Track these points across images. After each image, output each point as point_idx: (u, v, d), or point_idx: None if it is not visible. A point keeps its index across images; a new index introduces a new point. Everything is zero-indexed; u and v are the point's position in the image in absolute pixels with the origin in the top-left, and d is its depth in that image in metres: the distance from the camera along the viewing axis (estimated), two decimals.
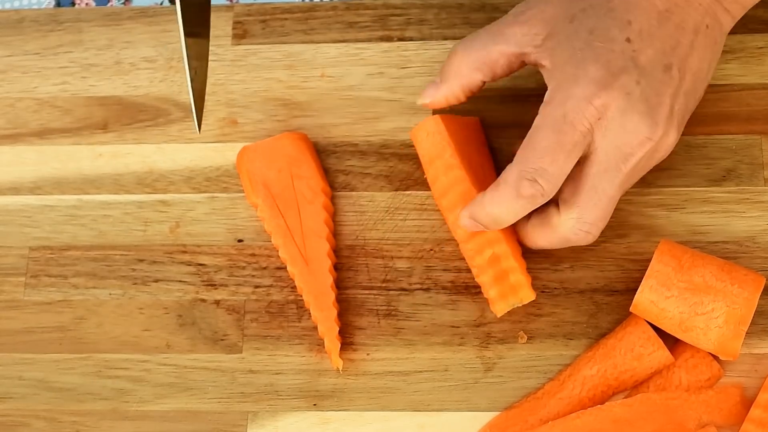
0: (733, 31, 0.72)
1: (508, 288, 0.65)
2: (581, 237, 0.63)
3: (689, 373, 0.65)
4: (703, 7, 0.64)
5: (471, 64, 0.66)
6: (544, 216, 0.64)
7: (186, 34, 0.61)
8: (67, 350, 0.69)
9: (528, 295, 0.65)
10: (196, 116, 0.63)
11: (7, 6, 0.79)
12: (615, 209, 0.68)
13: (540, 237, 0.65)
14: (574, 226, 0.63)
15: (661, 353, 0.64)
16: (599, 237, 0.68)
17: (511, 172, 0.62)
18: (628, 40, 0.61)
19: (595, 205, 0.63)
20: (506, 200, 0.62)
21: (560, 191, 0.63)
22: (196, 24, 0.61)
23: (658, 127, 0.62)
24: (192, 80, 0.62)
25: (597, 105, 0.60)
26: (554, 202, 0.64)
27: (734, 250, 0.67)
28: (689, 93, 0.63)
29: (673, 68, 0.62)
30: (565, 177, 0.62)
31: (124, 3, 0.79)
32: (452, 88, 0.67)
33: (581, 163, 0.62)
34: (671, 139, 0.63)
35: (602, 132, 0.61)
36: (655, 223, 0.68)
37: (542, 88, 0.63)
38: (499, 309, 0.65)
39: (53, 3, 0.79)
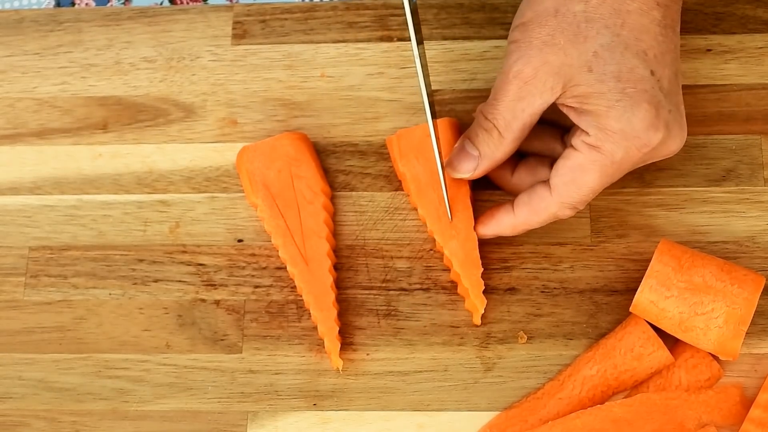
0: (733, 31, 0.72)
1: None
2: (567, 214, 0.65)
3: (689, 373, 0.65)
4: None
5: (513, 141, 0.64)
6: (533, 194, 0.65)
7: (418, 42, 0.61)
8: (67, 350, 0.69)
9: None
10: (431, 119, 0.64)
11: (7, 6, 0.79)
12: (615, 209, 0.69)
13: (525, 212, 0.65)
14: (563, 206, 0.64)
15: (661, 353, 0.64)
16: (599, 237, 0.68)
17: (551, 202, 0.64)
18: (652, 72, 0.61)
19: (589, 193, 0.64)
20: (541, 221, 0.65)
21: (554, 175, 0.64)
22: (418, 31, 0.62)
23: (684, 137, 0.63)
24: (426, 86, 0.63)
25: (646, 151, 0.62)
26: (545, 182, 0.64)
27: (734, 250, 0.67)
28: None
29: (678, 73, 0.63)
30: None
31: (124, 3, 0.79)
32: (495, 162, 0.65)
33: None
34: (684, 135, 0.64)
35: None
36: (655, 223, 0.68)
37: None
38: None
39: (53, 3, 0.79)
